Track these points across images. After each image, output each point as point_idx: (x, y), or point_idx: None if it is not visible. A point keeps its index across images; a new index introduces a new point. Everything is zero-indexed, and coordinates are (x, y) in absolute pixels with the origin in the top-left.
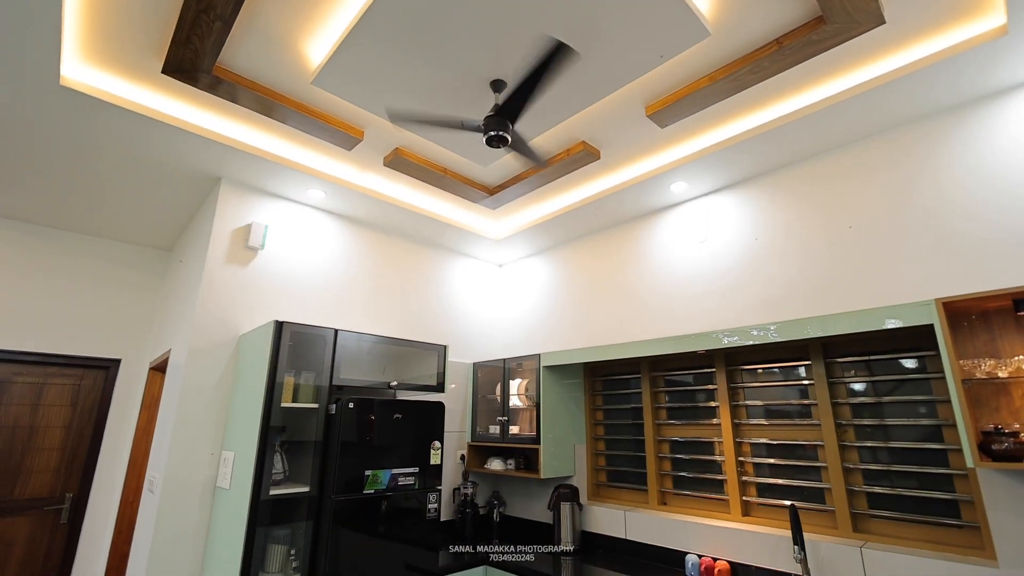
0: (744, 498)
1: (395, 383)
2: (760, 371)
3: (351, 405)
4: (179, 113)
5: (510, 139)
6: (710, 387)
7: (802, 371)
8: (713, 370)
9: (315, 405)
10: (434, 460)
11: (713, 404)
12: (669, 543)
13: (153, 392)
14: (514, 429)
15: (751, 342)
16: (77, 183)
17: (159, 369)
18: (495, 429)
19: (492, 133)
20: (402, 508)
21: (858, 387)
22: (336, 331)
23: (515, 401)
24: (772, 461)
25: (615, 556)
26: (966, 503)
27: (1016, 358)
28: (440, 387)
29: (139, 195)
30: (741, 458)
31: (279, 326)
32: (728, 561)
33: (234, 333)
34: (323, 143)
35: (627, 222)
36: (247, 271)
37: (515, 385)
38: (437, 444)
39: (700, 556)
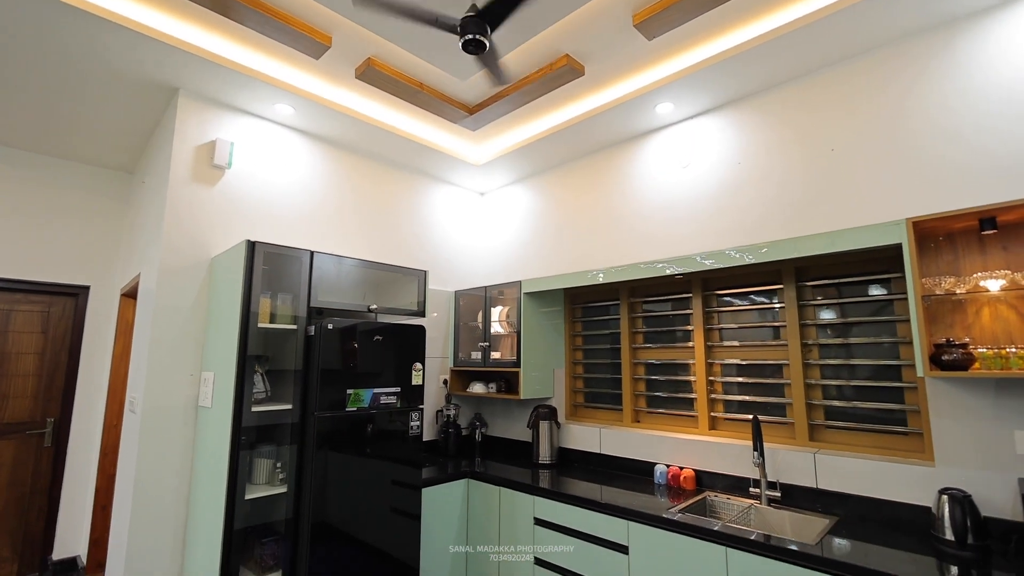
0: (712, 414)
1: (375, 307)
2: (734, 296)
3: (330, 327)
4: (131, 13)
5: (487, 45)
6: (686, 312)
7: (774, 295)
8: (690, 295)
9: (293, 327)
10: (416, 381)
11: (688, 328)
12: (640, 456)
13: (127, 319)
14: (495, 355)
15: (726, 264)
16: (31, 96)
17: (130, 295)
18: (477, 355)
19: (469, 36)
20: (385, 426)
21: (825, 309)
22: (312, 253)
23: (496, 328)
24: (741, 380)
25: (590, 468)
26: (913, 413)
27: (975, 275)
28: (421, 312)
29: (94, 108)
30: (712, 378)
31: (251, 246)
32: (694, 469)
33: (205, 255)
34: (288, 50)
35: (611, 147)
36: (215, 191)
37: (496, 312)
38: (419, 366)
39: (668, 466)
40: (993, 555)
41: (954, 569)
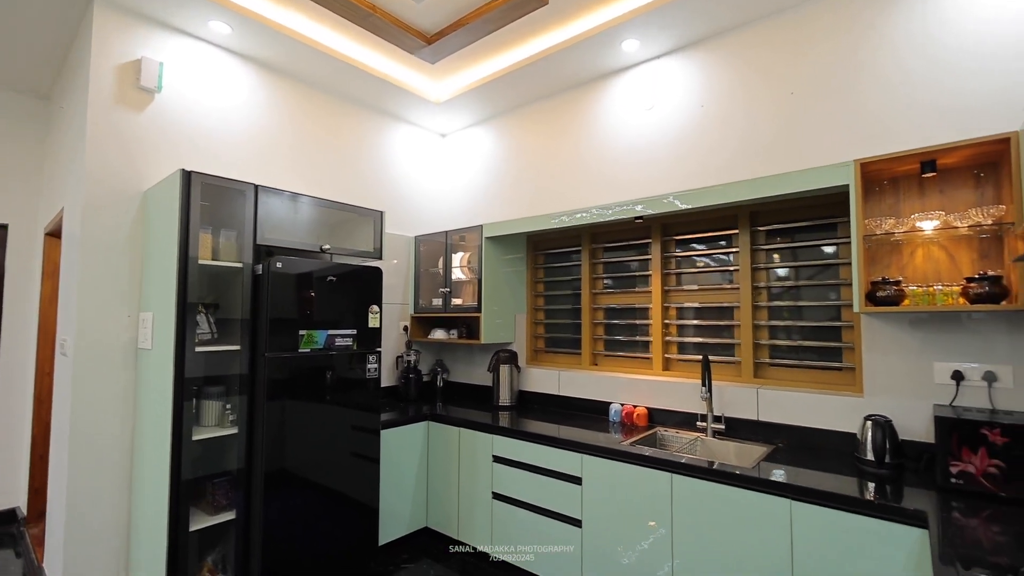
0: (666, 355)
1: (328, 247)
2: (692, 241)
3: (279, 265)
4: None
5: None
6: (645, 257)
7: (729, 240)
8: (649, 241)
9: (238, 265)
10: (373, 324)
11: (647, 273)
12: (597, 396)
13: (53, 259)
14: (457, 301)
15: (685, 206)
16: None
17: (55, 235)
18: (438, 301)
19: None
20: (341, 369)
21: (776, 253)
22: (257, 187)
23: (457, 274)
24: (695, 322)
25: (549, 409)
26: (848, 349)
27: (912, 216)
28: (378, 254)
29: None
30: (667, 321)
31: (187, 177)
32: (647, 407)
33: (136, 187)
34: None
35: (576, 87)
36: (144, 117)
37: (457, 258)
38: (375, 308)
39: (623, 405)
40: (906, 472)
41: (870, 485)
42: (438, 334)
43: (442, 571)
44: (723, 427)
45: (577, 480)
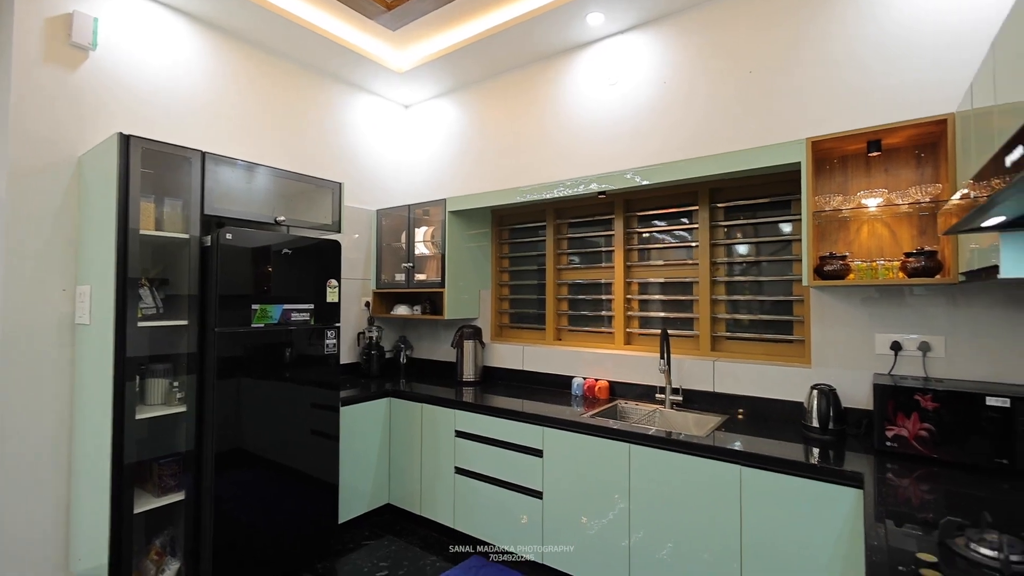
0: (628, 330)
1: (283, 219)
2: (654, 217)
3: (228, 236)
4: None
5: None
6: (608, 233)
7: (690, 216)
8: (612, 217)
9: (185, 235)
10: (331, 298)
11: (610, 249)
12: (560, 371)
13: None
14: (420, 276)
15: (645, 182)
16: None
17: None
18: (401, 276)
19: None
20: (298, 344)
21: (734, 230)
22: (204, 154)
23: (421, 249)
24: (656, 298)
25: (513, 384)
26: (798, 323)
27: (859, 194)
28: (336, 227)
29: None
30: (629, 296)
31: (125, 141)
32: (608, 381)
33: (70, 152)
34: None
35: (540, 61)
36: (77, 77)
37: (421, 232)
38: (334, 282)
39: (585, 379)
40: (847, 437)
41: (814, 450)
42: (401, 310)
43: (403, 546)
44: (681, 399)
45: (538, 453)
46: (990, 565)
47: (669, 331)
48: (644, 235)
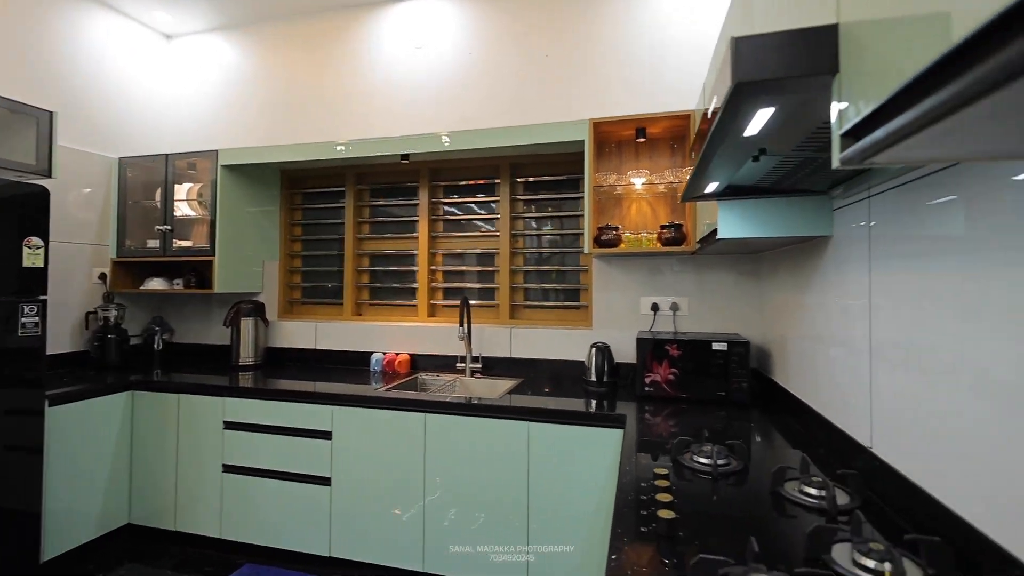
0: (432, 302)
1: None
2: (459, 188)
3: None
4: None
5: None
6: (412, 202)
7: (493, 189)
8: (417, 185)
9: None
10: (30, 263)
11: (414, 219)
12: (359, 347)
13: None
14: (183, 243)
15: (449, 143)
16: None
17: None
18: (155, 243)
19: None
20: None
21: (531, 204)
22: None
23: (184, 209)
24: (460, 268)
25: (304, 365)
26: (584, 290)
27: (629, 173)
28: (45, 171)
29: None
30: (434, 267)
31: None
32: (410, 354)
33: None
34: None
35: (341, 10)
36: None
37: (184, 190)
38: (36, 241)
39: (384, 353)
40: (619, 388)
41: (592, 401)
42: (156, 283)
43: (150, 574)
44: (480, 366)
45: (327, 435)
46: (704, 469)
47: (472, 301)
48: (449, 205)
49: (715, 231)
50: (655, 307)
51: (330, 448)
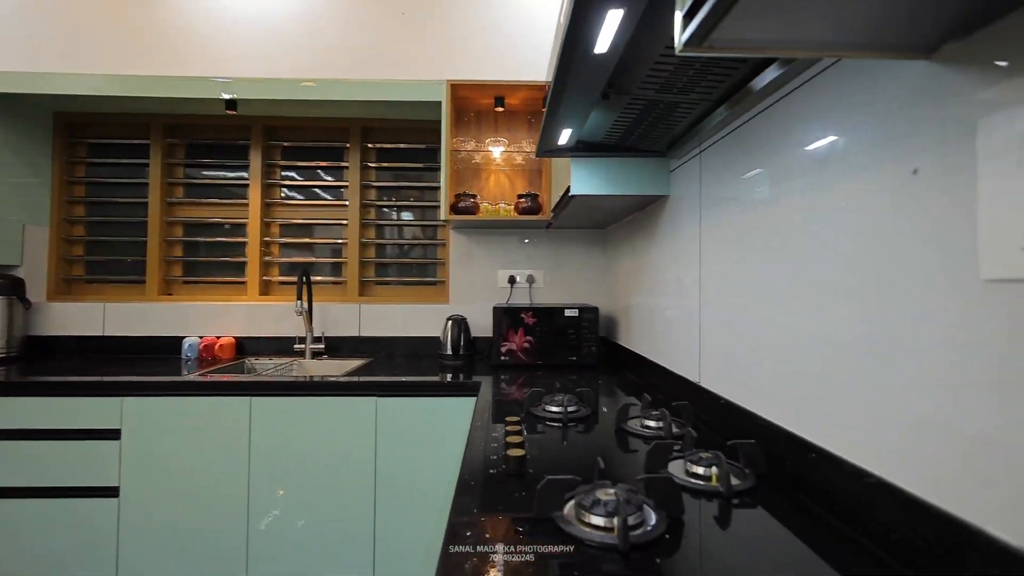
0: (265, 278)
1: None
2: (300, 150)
3: None
4: None
5: None
6: (242, 162)
7: (340, 154)
8: (248, 143)
9: None
10: None
11: (244, 182)
12: (166, 332)
13: None
14: None
15: (270, 96)
16: None
17: None
18: None
19: None
20: None
21: (384, 172)
22: None
23: None
24: (304, 240)
25: (84, 356)
26: (441, 266)
27: (487, 141)
28: None
29: None
30: (268, 239)
31: None
32: (235, 337)
33: None
34: None
35: None
36: None
37: None
38: None
39: (201, 338)
40: (476, 362)
41: (447, 374)
42: None
43: None
44: (323, 347)
45: (115, 434)
46: (555, 416)
47: (316, 278)
48: (288, 169)
49: (568, 191)
50: (512, 280)
51: (119, 450)
